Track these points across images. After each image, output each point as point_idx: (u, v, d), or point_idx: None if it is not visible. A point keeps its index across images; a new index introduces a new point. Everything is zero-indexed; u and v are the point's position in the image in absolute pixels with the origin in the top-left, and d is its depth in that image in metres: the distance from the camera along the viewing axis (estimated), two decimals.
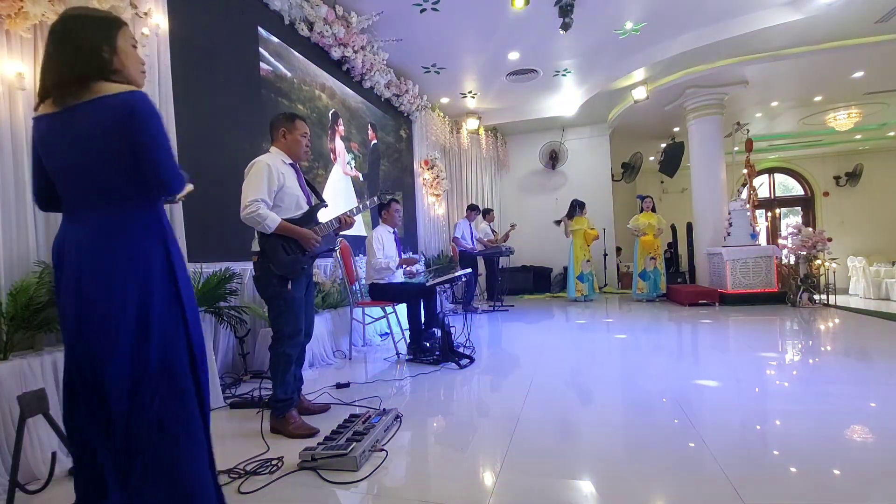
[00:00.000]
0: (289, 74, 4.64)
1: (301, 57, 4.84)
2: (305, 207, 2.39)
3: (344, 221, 2.48)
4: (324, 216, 2.49)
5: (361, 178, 5.98)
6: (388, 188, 5.42)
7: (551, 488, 1.64)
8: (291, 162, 2.42)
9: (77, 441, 1.24)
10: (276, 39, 4.45)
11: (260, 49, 4.23)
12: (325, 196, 5.12)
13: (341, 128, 5.57)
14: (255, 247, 2.33)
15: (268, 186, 2.22)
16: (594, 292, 7.44)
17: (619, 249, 9.60)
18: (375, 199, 2.80)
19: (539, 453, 1.95)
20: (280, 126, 2.42)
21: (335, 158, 5.40)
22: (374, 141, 6.44)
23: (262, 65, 4.25)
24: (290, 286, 2.27)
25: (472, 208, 7.06)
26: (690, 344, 4.30)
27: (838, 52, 5.91)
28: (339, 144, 5.53)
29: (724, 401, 2.56)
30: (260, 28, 4.24)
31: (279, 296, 2.27)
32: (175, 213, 2.98)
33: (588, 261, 7.31)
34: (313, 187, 2.56)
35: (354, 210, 2.58)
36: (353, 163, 5.81)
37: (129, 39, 1.29)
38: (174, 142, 3.00)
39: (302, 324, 2.35)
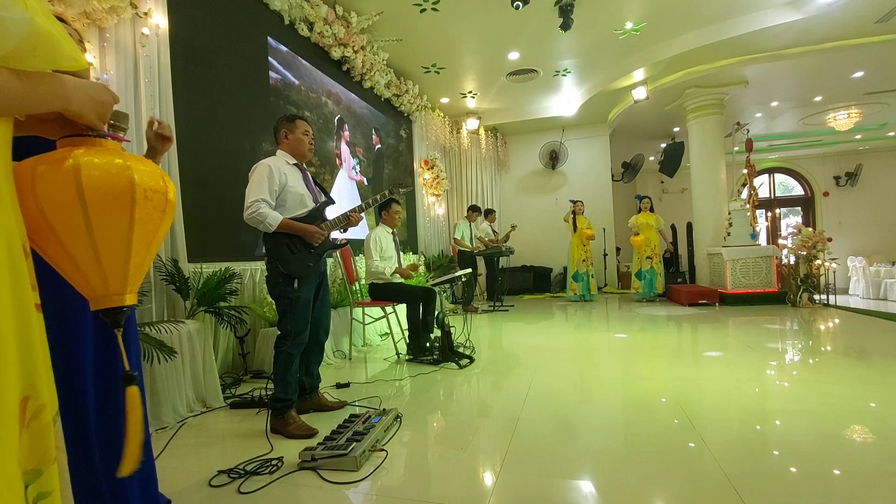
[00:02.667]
0: (296, 82, 4.66)
1: (307, 64, 4.86)
2: (311, 206, 2.41)
3: (352, 219, 2.48)
4: (331, 213, 2.50)
5: (366, 183, 5.99)
6: (403, 182, 5.37)
7: (551, 488, 1.64)
8: (296, 162, 2.45)
9: None
10: (284, 48, 4.47)
11: (270, 59, 4.25)
12: None
13: (347, 133, 5.58)
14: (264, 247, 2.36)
15: (268, 186, 2.26)
16: (591, 292, 7.39)
17: (618, 249, 9.60)
18: (387, 192, 2.77)
19: (539, 453, 1.95)
20: (281, 128, 2.46)
21: (341, 163, 5.42)
22: (379, 145, 6.45)
23: (271, 73, 4.27)
24: (296, 285, 2.28)
25: (474, 209, 7.06)
26: (690, 344, 4.30)
27: (838, 52, 5.91)
28: (345, 149, 5.54)
29: (724, 401, 2.56)
30: (269, 38, 4.27)
31: (284, 295, 2.29)
32: (175, 214, 2.98)
33: (584, 260, 7.29)
34: (321, 186, 2.57)
35: (364, 206, 2.57)
36: (358, 167, 5.82)
37: None
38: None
39: (306, 324, 2.34)
